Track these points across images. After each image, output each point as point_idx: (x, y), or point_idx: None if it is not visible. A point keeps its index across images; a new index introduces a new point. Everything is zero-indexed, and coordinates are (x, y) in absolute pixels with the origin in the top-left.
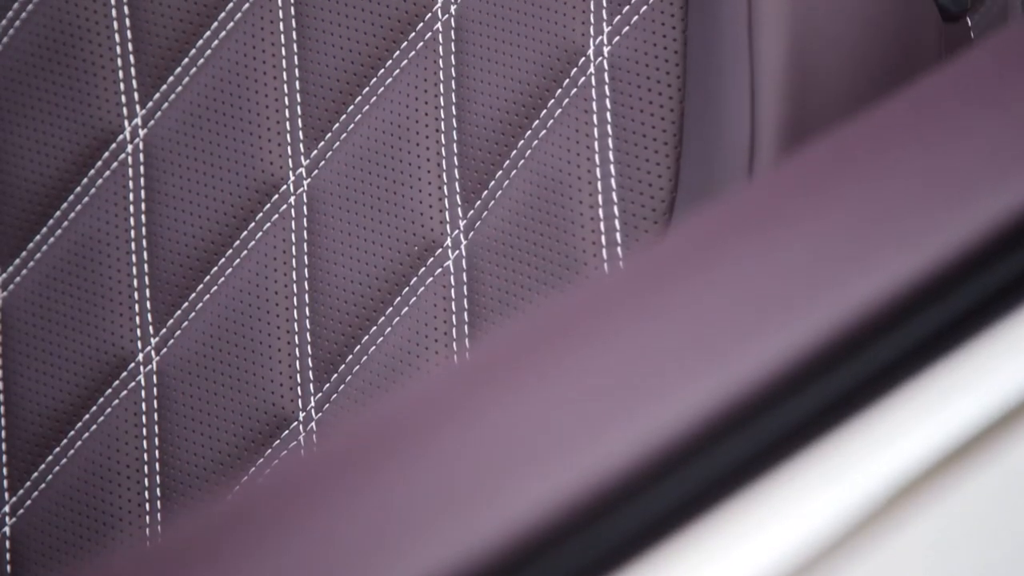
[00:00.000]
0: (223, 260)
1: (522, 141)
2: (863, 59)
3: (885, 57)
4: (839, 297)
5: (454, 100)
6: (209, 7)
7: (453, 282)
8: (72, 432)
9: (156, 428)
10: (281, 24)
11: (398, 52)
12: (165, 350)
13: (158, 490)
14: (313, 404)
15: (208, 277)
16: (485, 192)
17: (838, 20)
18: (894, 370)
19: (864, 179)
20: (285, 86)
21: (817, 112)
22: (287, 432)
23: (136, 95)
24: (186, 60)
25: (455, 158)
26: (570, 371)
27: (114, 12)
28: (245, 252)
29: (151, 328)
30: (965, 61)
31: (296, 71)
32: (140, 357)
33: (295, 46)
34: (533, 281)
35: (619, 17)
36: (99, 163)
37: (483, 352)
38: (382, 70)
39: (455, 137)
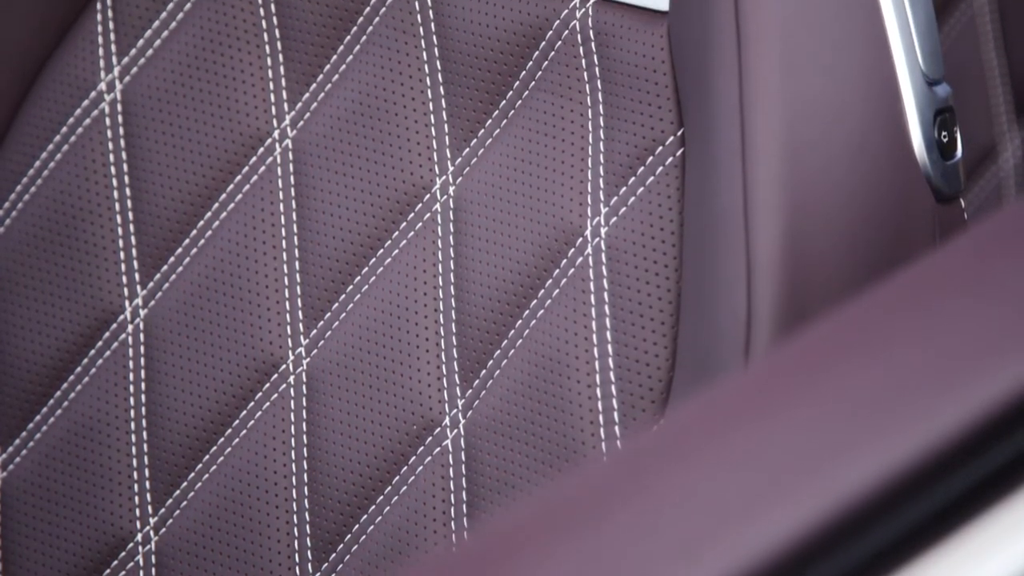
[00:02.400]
0: (222, 440)
1: (520, 321)
2: (858, 242)
3: (880, 240)
4: (834, 484)
5: (452, 280)
6: (210, 188)
7: (452, 461)
8: None
9: None
10: (281, 205)
11: (397, 232)
12: (164, 530)
13: None
14: None
15: (207, 457)
16: (483, 371)
17: (832, 204)
18: (890, 554)
19: (860, 365)
20: (285, 266)
21: (812, 295)
22: None
23: (137, 275)
24: (187, 241)
25: (453, 337)
26: (567, 562)
27: (116, 194)
28: (244, 431)
29: (150, 508)
30: (959, 246)
31: (296, 251)
32: (139, 537)
33: (295, 227)
34: (532, 460)
35: (616, 198)
36: (99, 343)
37: (480, 539)
38: (381, 250)
39: (453, 316)
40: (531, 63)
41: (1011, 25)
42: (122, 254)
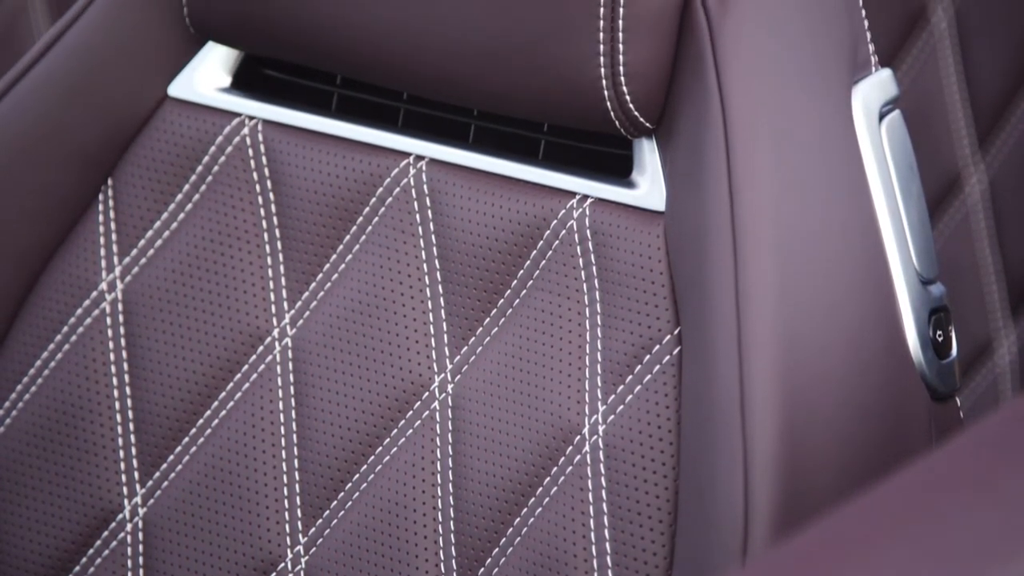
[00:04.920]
0: None
1: (518, 519)
2: (855, 441)
3: (876, 438)
4: None
5: (451, 478)
6: (210, 387)
7: None
8: None
9: None
10: (280, 403)
11: (396, 430)
12: None
13: None
14: None
15: None
16: (482, 570)
17: (829, 403)
18: None
19: (857, 568)
20: (284, 464)
21: (809, 493)
22: None
23: (136, 474)
24: (186, 439)
25: (452, 535)
26: None
27: (116, 393)
28: None
29: None
30: (957, 447)
31: (295, 449)
32: None
33: (294, 424)
34: None
35: (614, 396)
36: (98, 542)
37: None
38: (380, 448)
39: (452, 515)
40: (529, 262)
41: (1005, 222)
42: (121, 452)
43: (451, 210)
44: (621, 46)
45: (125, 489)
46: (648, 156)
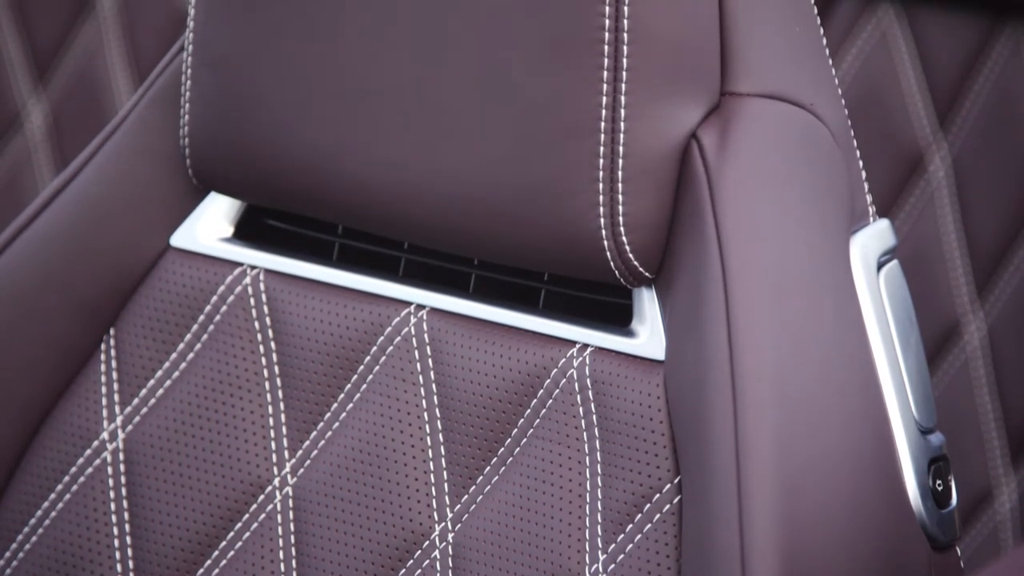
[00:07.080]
0: None
1: None
2: None
3: None
4: None
5: None
6: (211, 536)
7: None
8: None
9: None
10: (281, 552)
11: None
12: None
13: None
14: None
15: None
16: None
17: (828, 553)
18: None
19: None
20: None
21: None
22: None
23: None
24: None
25: None
26: None
27: (116, 543)
28: None
29: None
30: None
31: None
32: None
33: (294, 574)
34: None
35: (614, 545)
36: None
37: None
38: None
39: None
40: (529, 411)
41: (1004, 370)
42: None
43: (452, 359)
44: (620, 196)
45: None
46: (648, 305)
